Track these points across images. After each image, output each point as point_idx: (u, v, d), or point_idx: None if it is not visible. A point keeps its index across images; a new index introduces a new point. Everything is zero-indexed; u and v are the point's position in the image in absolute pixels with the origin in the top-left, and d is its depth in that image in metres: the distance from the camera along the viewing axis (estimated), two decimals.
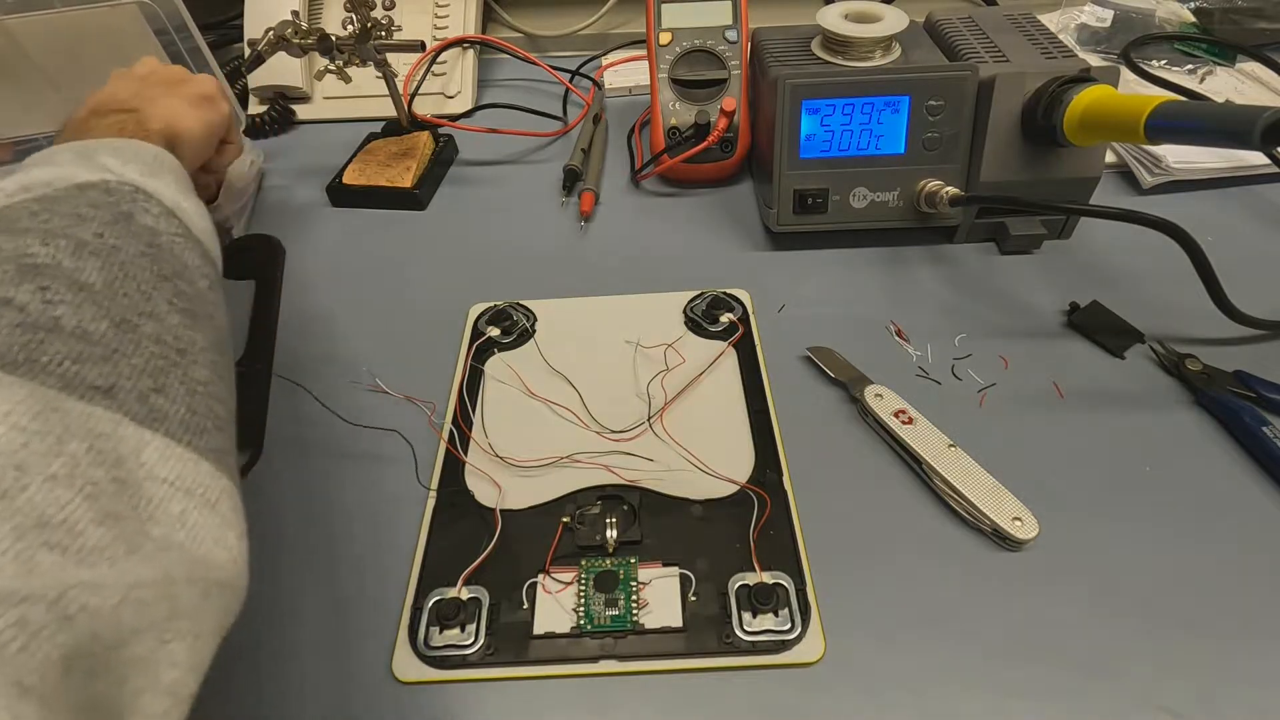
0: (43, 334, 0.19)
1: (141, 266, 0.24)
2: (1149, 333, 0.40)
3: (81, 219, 0.24)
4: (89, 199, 0.25)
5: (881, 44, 0.45)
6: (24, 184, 0.25)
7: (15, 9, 0.48)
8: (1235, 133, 0.32)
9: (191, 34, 0.51)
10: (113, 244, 0.24)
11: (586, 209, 0.51)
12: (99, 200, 0.26)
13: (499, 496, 0.33)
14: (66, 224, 0.23)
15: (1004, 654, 0.28)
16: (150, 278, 0.24)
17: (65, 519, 0.17)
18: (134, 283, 0.23)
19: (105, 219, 0.25)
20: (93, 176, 0.27)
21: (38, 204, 0.24)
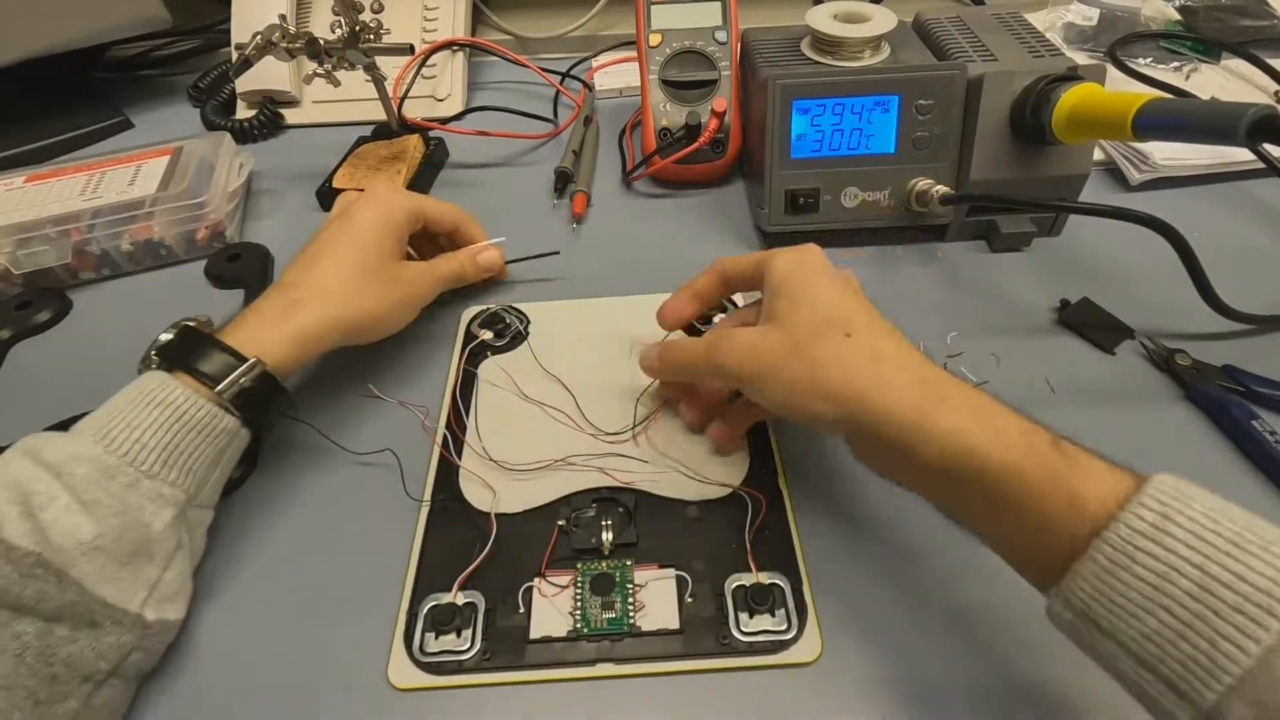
0: None
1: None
2: (1139, 328, 0.40)
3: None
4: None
5: (870, 44, 0.46)
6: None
7: None
8: (1221, 129, 0.32)
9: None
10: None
11: (578, 211, 0.51)
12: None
13: (493, 500, 0.33)
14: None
15: (1002, 652, 0.28)
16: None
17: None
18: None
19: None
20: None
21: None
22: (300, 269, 0.36)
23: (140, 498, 0.27)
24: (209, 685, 0.29)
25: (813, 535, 0.32)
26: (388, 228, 0.38)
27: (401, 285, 0.38)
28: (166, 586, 0.28)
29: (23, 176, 0.50)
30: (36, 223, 0.45)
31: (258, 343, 0.32)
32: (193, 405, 0.29)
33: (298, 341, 0.33)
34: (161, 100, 0.66)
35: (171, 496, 0.28)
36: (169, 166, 0.50)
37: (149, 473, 0.28)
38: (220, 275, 0.47)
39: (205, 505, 0.31)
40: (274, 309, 0.33)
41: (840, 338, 0.28)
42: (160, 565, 0.28)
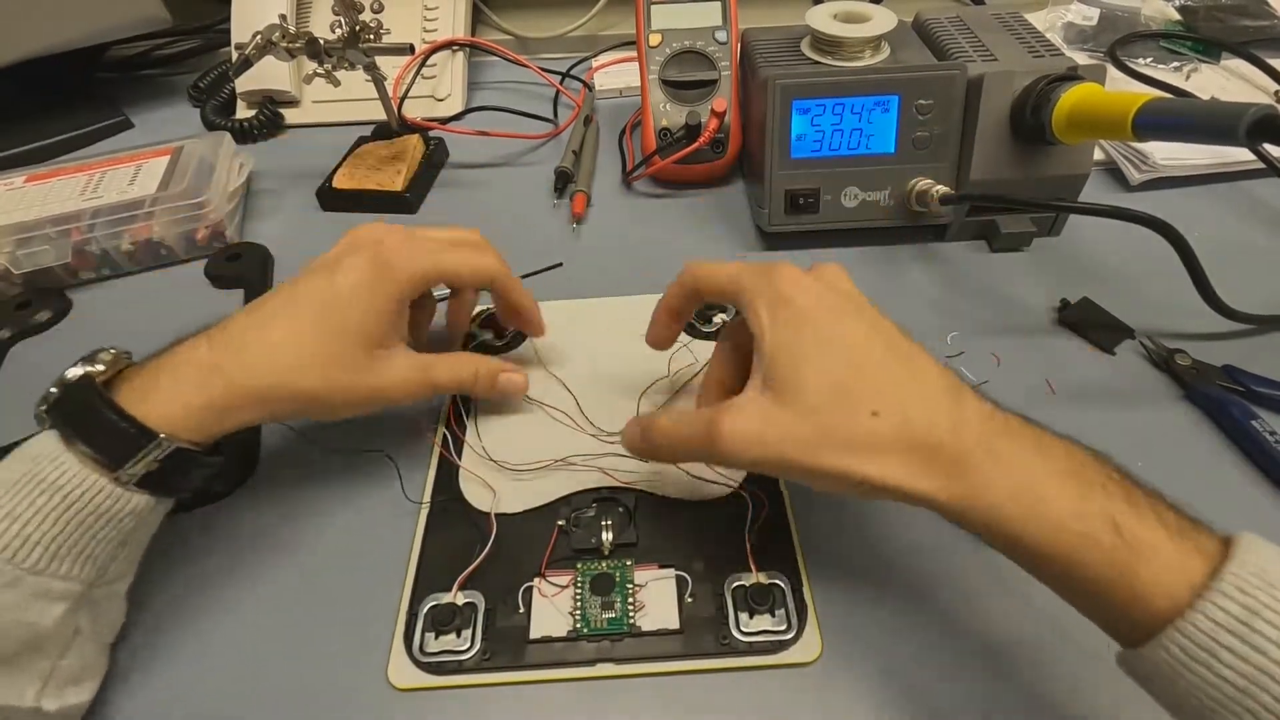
0: None
1: None
2: (1139, 328, 0.40)
3: None
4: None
5: (870, 44, 0.46)
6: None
7: None
8: (1221, 129, 0.32)
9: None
10: None
11: (578, 211, 0.51)
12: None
13: (493, 500, 0.33)
14: None
15: (1001, 651, 0.28)
16: None
17: None
18: None
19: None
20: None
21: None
22: (250, 320, 0.29)
23: (21, 596, 0.23)
24: (209, 685, 0.29)
25: (813, 535, 0.32)
26: (383, 300, 0.30)
27: (373, 380, 0.30)
28: (64, 673, 0.25)
29: (23, 176, 0.50)
30: (36, 223, 0.45)
31: (168, 411, 0.26)
32: (89, 489, 0.25)
33: (213, 409, 0.27)
34: (161, 100, 0.66)
35: (63, 590, 0.24)
36: (169, 166, 0.50)
37: (33, 569, 0.24)
38: (220, 275, 0.47)
39: (118, 579, 0.27)
40: (194, 370, 0.28)
41: (866, 418, 0.24)
42: (53, 655, 0.25)
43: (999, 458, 0.23)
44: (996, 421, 0.24)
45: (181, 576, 0.32)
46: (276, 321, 0.29)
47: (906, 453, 0.23)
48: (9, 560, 0.23)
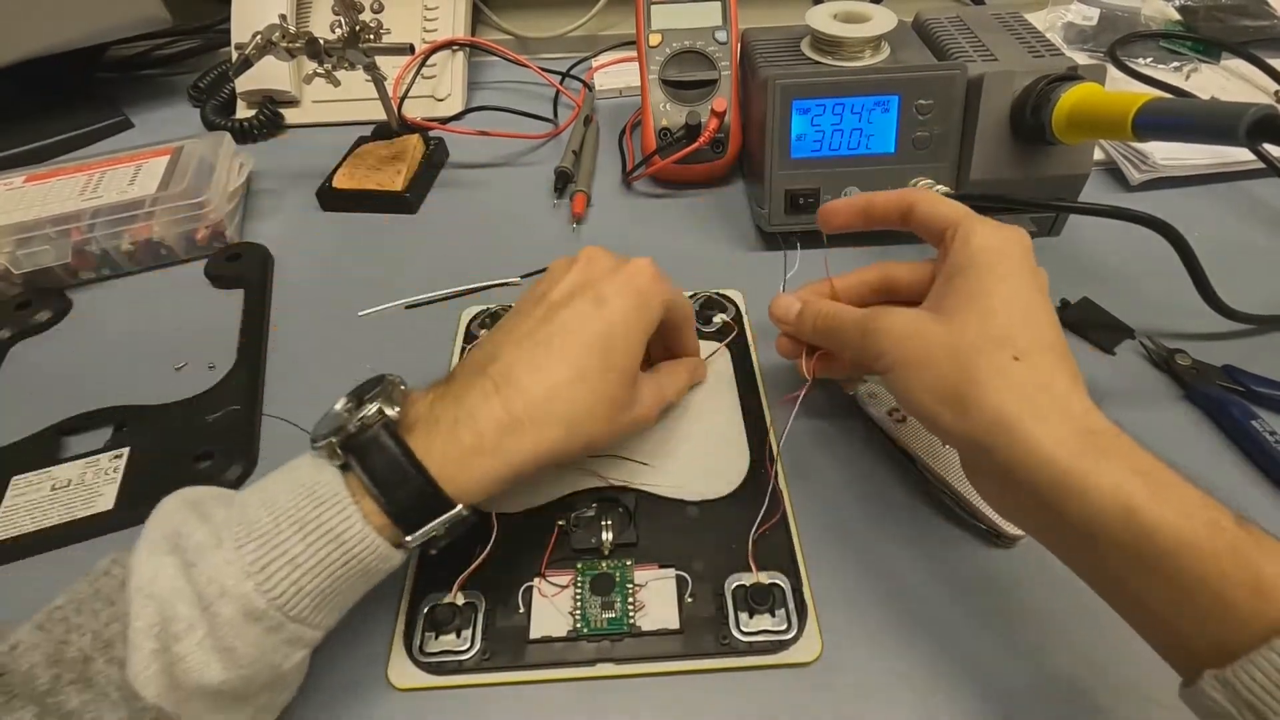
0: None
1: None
2: (1139, 328, 0.40)
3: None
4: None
5: (870, 44, 0.46)
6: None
7: None
8: (1221, 129, 0.32)
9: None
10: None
11: (578, 211, 0.51)
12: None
13: (493, 500, 0.33)
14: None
15: (1000, 650, 0.28)
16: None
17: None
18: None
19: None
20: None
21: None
22: (526, 361, 0.27)
23: (279, 641, 0.23)
24: None
25: (813, 535, 0.32)
26: (642, 325, 0.29)
27: (633, 410, 0.30)
28: (276, 704, 0.25)
29: (23, 176, 0.50)
30: (36, 223, 0.45)
31: (464, 476, 0.25)
32: (369, 550, 0.24)
33: (510, 479, 0.26)
34: (161, 100, 0.66)
35: (311, 639, 0.24)
36: (169, 166, 0.50)
37: (297, 618, 0.23)
38: (220, 275, 0.47)
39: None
40: (487, 428, 0.26)
41: (1008, 358, 0.24)
42: (280, 692, 0.25)
43: (1123, 442, 0.23)
44: (1123, 432, 0.24)
45: None
46: (561, 365, 0.27)
47: (1036, 395, 0.24)
48: (280, 608, 0.23)
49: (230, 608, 0.22)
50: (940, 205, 0.30)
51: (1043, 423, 0.23)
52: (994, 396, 0.24)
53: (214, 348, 0.42)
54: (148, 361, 0.42)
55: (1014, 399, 0.24)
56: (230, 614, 0.22)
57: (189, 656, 0.22)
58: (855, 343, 0.29)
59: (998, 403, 0.24)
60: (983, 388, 0.24)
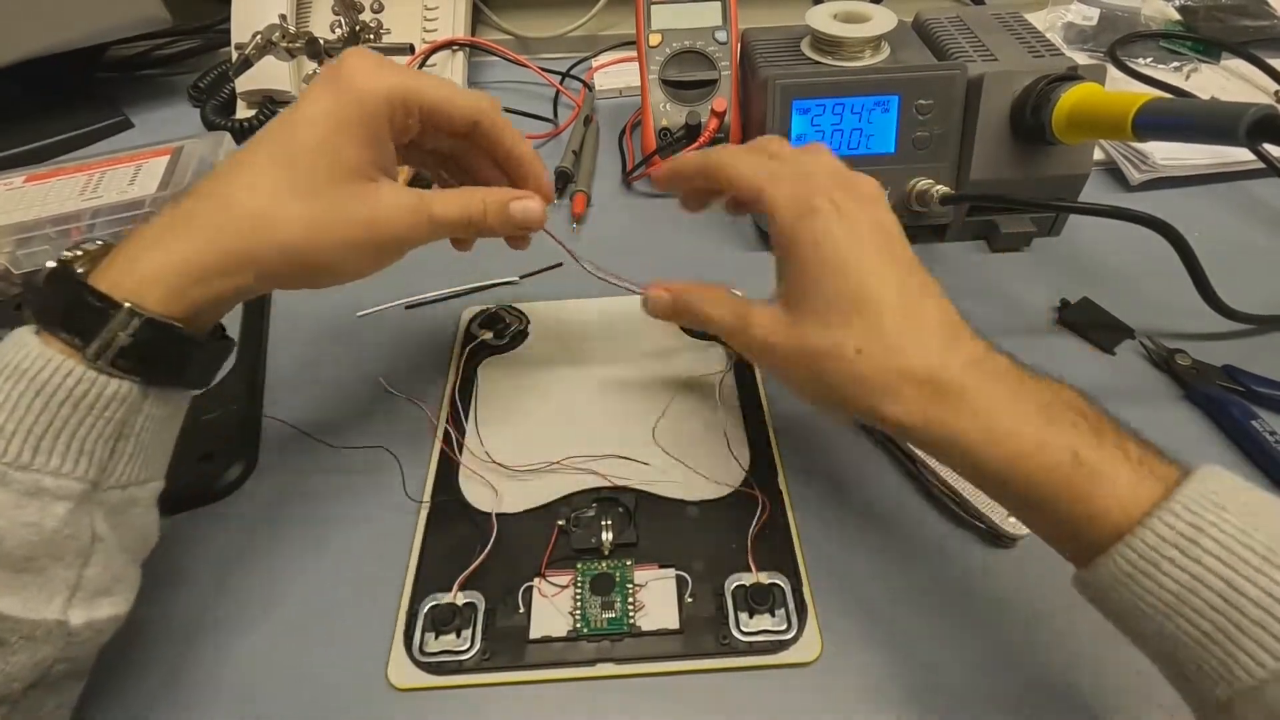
0: None
1: None
2: (1139, 328, 0.40)
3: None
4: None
5: (870, 44, 0.46)
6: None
7: None
8: (1221, 129, 0.32)
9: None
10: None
11: (578, 211, 0.51)
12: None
13: (494, 500, 0.33)
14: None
15: (1000, 650, 0.28)
16: None
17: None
18: None
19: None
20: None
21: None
22: (211, 180, 0.26)
23: (11, 494, 0.22)
24: (208, 685, 0.29)
25: (813, 535, 0.32)
26: (344, 120, 0.26)
27: (359, 210, 0.26)
28: (91, 583, 0.23)
29: (23, 176, 0.50)
30: (36, 223, 0.45)
31: (135, 276, 0.24)
32: (59, 373, 0.23)
33: (186, 273, 0.24)
34: (161, 100, 0.66)
35: (59, 488, 0.23)
36: (169, 166, 0.50)
37: (16, 463, 0.22)
38: None
39: (134, 482, 0.25)
40: (160, 224, 0.25)
41: (851, 353, 0.25)
42: (74, 564, 0.23)
43: (976, 394, 0.24)
44: (985, 364, 0.25)
45: (181, 575, 0.32)
46: (240, 169, 0.26)
47: (884, 384, 0.25)
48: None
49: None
50: (738, 174, 0.29)
51: (896, 402, 0.25)
52: (854, 398, 0.25)
53: None
54: None
55: (866, 393, 0.25)
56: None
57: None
58: (731, 339, 0.30)
59: (858, 401, 0.25)
60: (840, 392, 0.26)
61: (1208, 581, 0.19)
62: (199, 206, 0.25)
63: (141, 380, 0.24)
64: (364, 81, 0.26)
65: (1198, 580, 0.19)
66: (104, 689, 0.28)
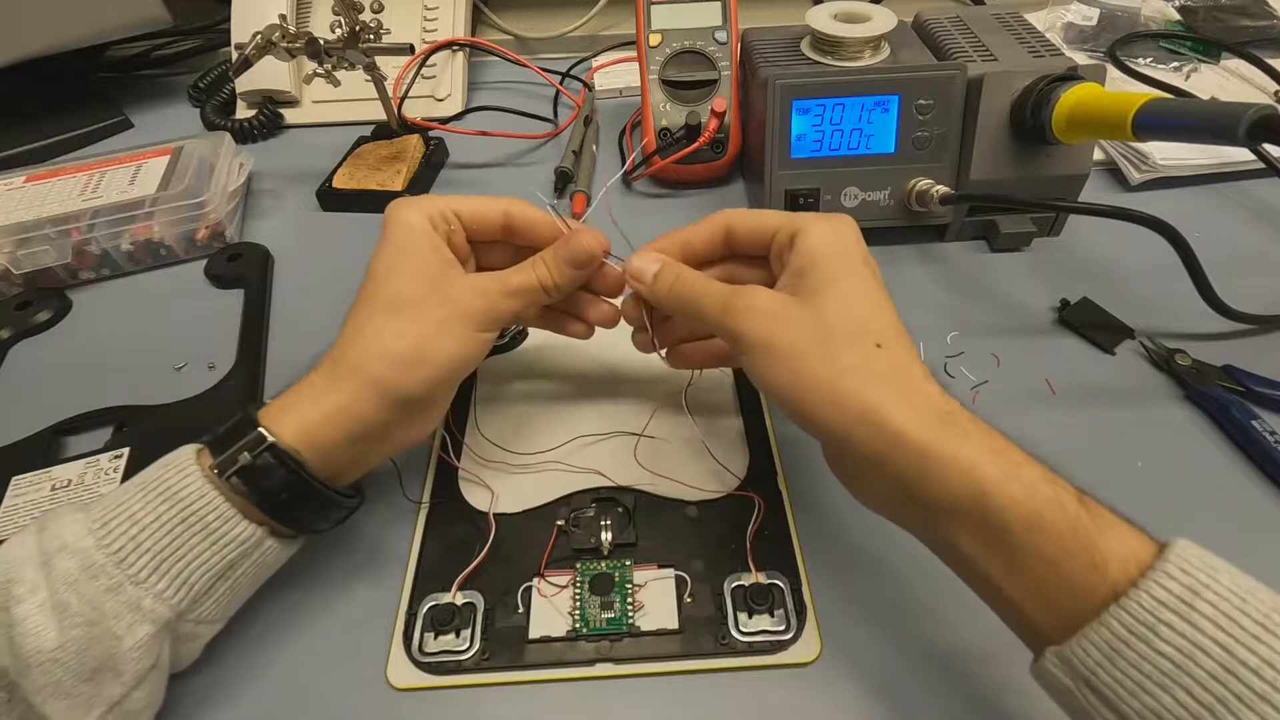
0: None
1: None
2: (1139, 328, 0.40)
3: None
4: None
5: (870, 44, 0.46)
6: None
7: None
8: (1221, 129, 0.32)
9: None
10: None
11: (578, 211, 0.51)
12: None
13: (492, 500, 0.33)
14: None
15: (998, 651, 0.28)
16: None
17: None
18: None
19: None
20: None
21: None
22: (341, 335, 0.29)
23: (119, 605, 0.23)
24: (208, 684, 0.29)
25: (813, 535, 0.32)
26: (398, 249, 0.29)
27: (431, 312, 0.28)
28: (130, 705, 0.24)
29: (23, 176, 0.50)
30: (36, 223, 0.45)
31: (286, 418, 0.26)
32: (201, 500, 0.24)
33: (338, 421, 0.27)
34: (161, 100, 0.66)
35: (152, 611, 0.24)
36: (169, 166, 0.50)
37: (135, 578, 0.23)
38: (220, 275, 0.47)
39: (208, 620, 0.26)
40: (318, 379, 0.27)
41: (871, 346, 0.25)
42: (128, 684, 0.23)
43: (976, 424, 0.24)
44: (976, 420, 0.24)
45: None
46: (354, 317, 0.29)
47: (898, 382, 0.24)
48: (118, 564, 0.23)
49: (69, 561, 0.23)
50: (759, 215, 0.29)
51: (907, 407, 0.23)
52: (863, 387, 0.24)
53: (214, 348, 0.42)
54: (148, 361, 0.42)
55: (880, 386, 0.24)
56: (68, 567, 0.23)
57: (28, 619, 0.22)
58: (714, 319, 0.27)
59: (865, 392, 0.24)
60: (851, 378, 0.24)
61: (1206, 649, 0.18)
62: (341, 352, 0.28)
63: (267, 526, 0.26)
64: (406, 214, 0.30)
65: (1196, 648, 0.18)
66: None
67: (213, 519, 0.25)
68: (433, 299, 0.28)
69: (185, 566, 0.24)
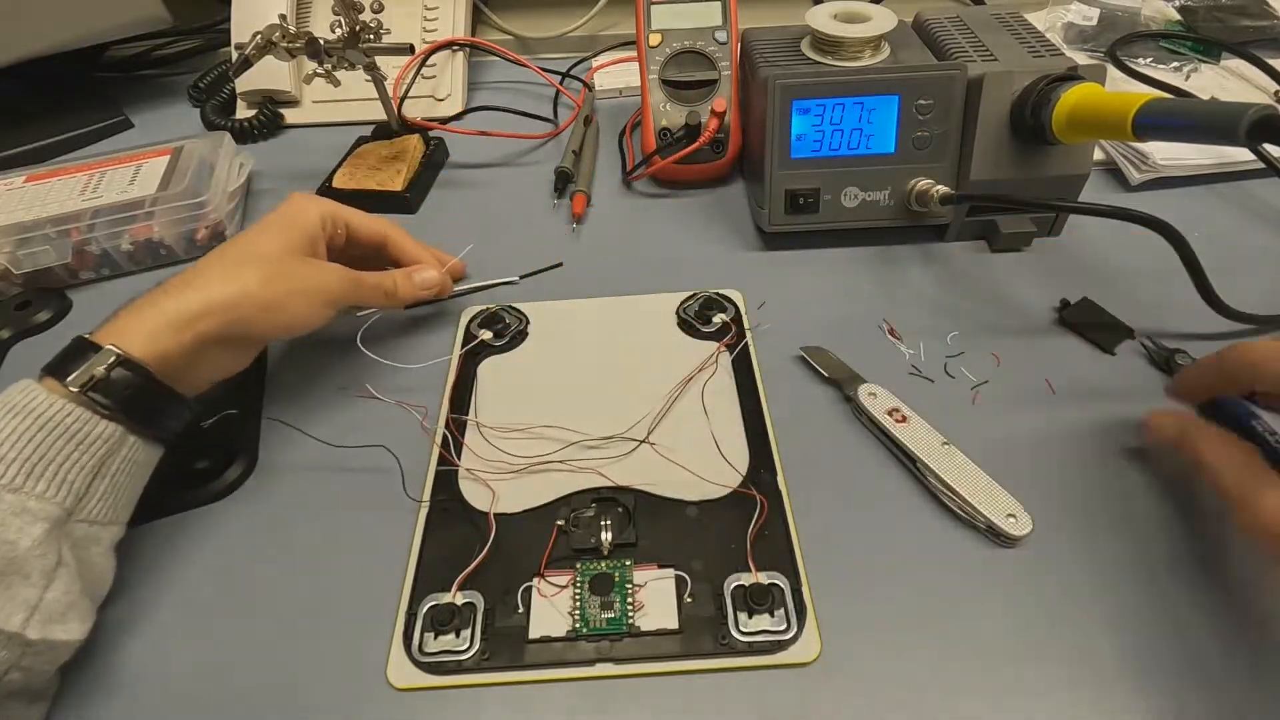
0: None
1: None
2: (1139, 328, 0.40)
3: None
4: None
5: (870, 44, 0.46)
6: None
7: None
8: (1221, 129, 0.32)
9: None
10: None
11: (578, 211, 0.51)
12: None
13: (493, 500, 0.33)
14: None
15: (999, 651, 0.28)
16: None
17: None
18: None
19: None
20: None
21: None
22: (186, 273, 0.33)
23: (2, 513, 0.25)
24: (208, 684, 0.29)
25: (812, 535, 0.32)
26: (287, 226, 0.35)
27: (299, 276, 0.34)
28: (50, 606, 0.26)
29: (23, 176, 0.50)
30: (36, 223, 0.45)
31: (120, 333, 0.29)
32: (55, 409, 0.27)
33: (167, 327, 0.30)
34: (161, 100, 0.66)
35: (39, 510, 0.26)
36: (169, 166, 0.50)
37: (10, 486, 0.26)
38: None
39: (100, 521, 0.28)
40: (143, 301, 0.31)
41: None
42: (38, 585, 0.26)
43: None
44: None
45: (181, 576, 0.32)
46: (208, 260, 0.34)
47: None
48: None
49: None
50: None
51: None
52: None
53: None
54: None
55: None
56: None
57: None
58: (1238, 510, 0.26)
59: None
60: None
61: None
62: (174, 281, 0.32)
63: (124, 425, 0.29)
64: (302, 204, 0.37)
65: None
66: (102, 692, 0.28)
67: (71, 422, 0.27)
68: (300, 267, 0.35)
69: (59, 468, 0.27)
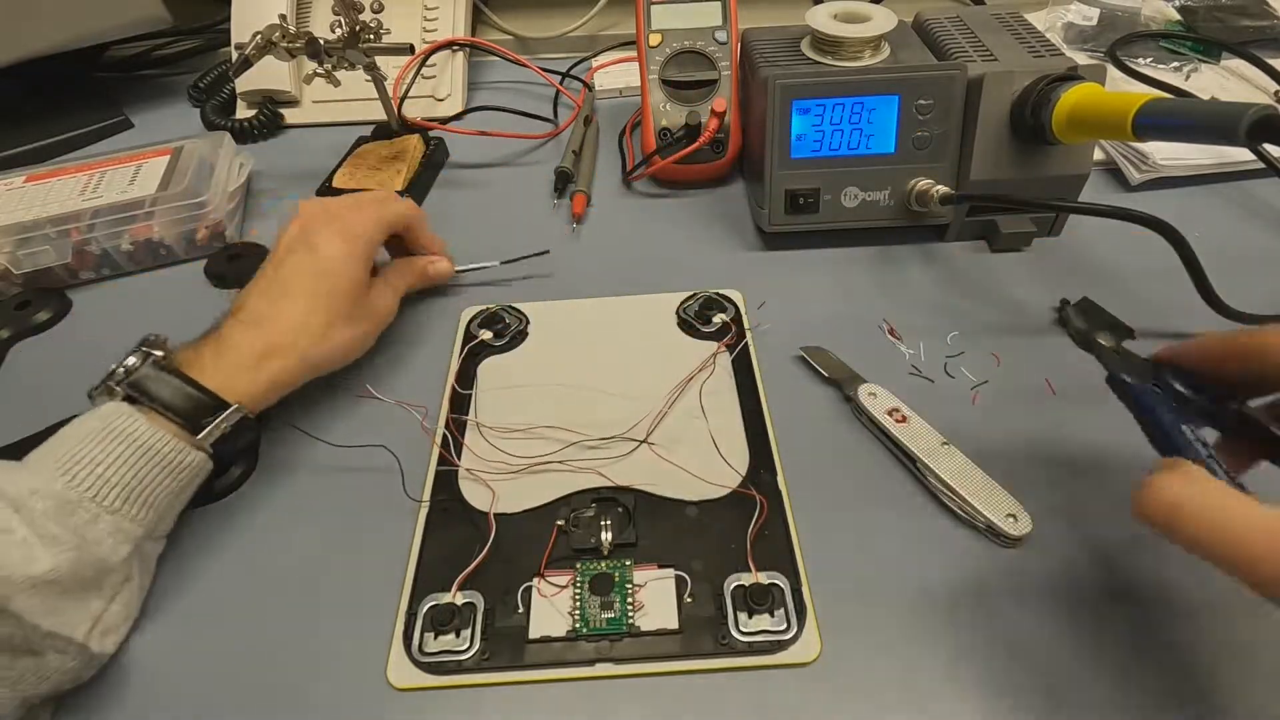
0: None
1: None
2: (1139, 328, 0.40)
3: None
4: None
5: (870, 44, 0.46)
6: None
7: None
8: (1221, 129, 0.32)
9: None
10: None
11: (578, 211, 0.51)
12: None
13: (492, 500, 0.33)
14: None
15: (999, 651, 0.28)
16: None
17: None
18: None
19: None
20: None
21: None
22: (267, 303, 0.35)
23: (100, 533, 0.27)
24: (208, 684, 0.29)
25: (812, 535, 0.32)
26: (356, 258, 0.37)
27: (371, 314, 0.38)
28: (110, 619, 0.28)
29: (23, 176, 0.50)
30: (36, 223, 0.45)
31: (234, 389, 0.32)
32: (159, 441, 0.29)
33: (273, 388, 0.34)
34: (161, 100, 0.66)
35: (131, 531, 0.28)
36: (169, 166, 0.50)
37: (110, 508, 0.28)
38: (220, 275, 0.47)
39: (160, 536, 0.31)
40: (246, 353, 0.33)
41: None
42: (107, 598, 0.28)
43: None
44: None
45: (181, 576, 0.32)
46: (293, 300, 0.35)
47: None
48: (92, 499, 0.27)
49: (44, 504, 0.26)
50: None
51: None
52: None
53: None
54: None
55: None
56: (45, 508, 0.26)
57: (9, 554, 0.25)
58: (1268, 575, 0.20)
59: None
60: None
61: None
62: (274, 335, 0.34)
63: (208, 453, 0.31)
64: (361, 229, 0.38)
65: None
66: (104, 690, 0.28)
67: (170, 453, 0.30)
68: (364, 311, 0.38)
69: (152, 493, 0.29)
